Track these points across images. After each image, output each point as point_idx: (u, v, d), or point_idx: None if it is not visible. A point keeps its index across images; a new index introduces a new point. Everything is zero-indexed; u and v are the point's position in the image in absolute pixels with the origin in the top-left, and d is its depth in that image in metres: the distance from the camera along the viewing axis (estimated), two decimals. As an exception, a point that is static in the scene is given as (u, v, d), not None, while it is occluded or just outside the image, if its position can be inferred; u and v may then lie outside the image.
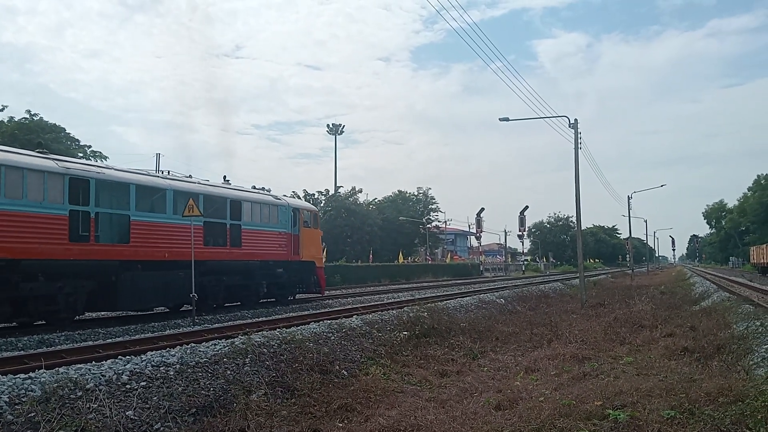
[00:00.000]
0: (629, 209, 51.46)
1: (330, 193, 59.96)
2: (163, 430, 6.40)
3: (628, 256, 69.97)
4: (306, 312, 16.50)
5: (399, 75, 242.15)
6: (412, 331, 12.33)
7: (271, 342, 9.30)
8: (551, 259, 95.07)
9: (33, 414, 5.78)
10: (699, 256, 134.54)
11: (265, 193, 20.21)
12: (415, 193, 71.77)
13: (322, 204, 56.51)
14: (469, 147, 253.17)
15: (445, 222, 76.64)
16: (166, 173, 17.32)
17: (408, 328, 12.59)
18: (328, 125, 69.67)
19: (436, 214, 72.47)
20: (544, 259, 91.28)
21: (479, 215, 66.35)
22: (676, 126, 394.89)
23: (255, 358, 8.59)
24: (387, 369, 9.71)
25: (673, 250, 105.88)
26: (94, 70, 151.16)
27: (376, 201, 68.24)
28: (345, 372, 9.32)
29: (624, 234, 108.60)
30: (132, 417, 6.31)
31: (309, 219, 21.41)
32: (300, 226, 20.48)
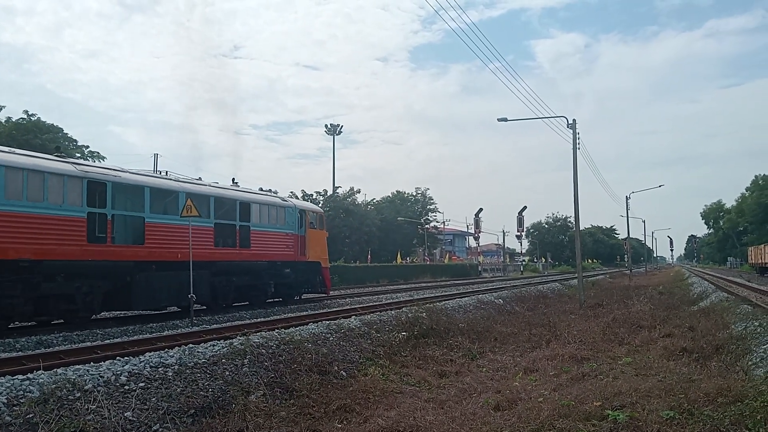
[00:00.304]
0: (627, 209, 51.62)
1: (328, 194, 59.98)
2: (162, 431, 6.39)
3: (626, 256, 70.08)
4: (304, 312, 16.50)
5: (397, 75, 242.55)
6: (410, 332, 12.31)
7: (270, 343, 9.29)
8: (549, 260, 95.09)
9: (31, 415, 5.77)
10: (697, 256, 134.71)
11: (273, 195, 20.56)
12: (414, 194, 71.92)
13: (320, 204, 56.48)
14: (468, 147, 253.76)
15: (444, 222, 76.77)
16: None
17: (407, 328, 12.58)
18: (326, 125, 70.03)
19: (434, 214, 72.66)
20: (542, 260, 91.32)
21: (477, 215, 66.49)
22: (674, 126, 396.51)
23: (253, 358, 8.57)
24: (386, 370, 9.70)
25: (671, 250, 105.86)
26: (92, 70, 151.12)
27: (374, 201, 68.26)
28: (344, 373, 9.32)
29: (622, 234, 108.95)
30: (130, 418, 6.30)
31: (315, 220, 21.70)
32: (306, 227, 20.78)
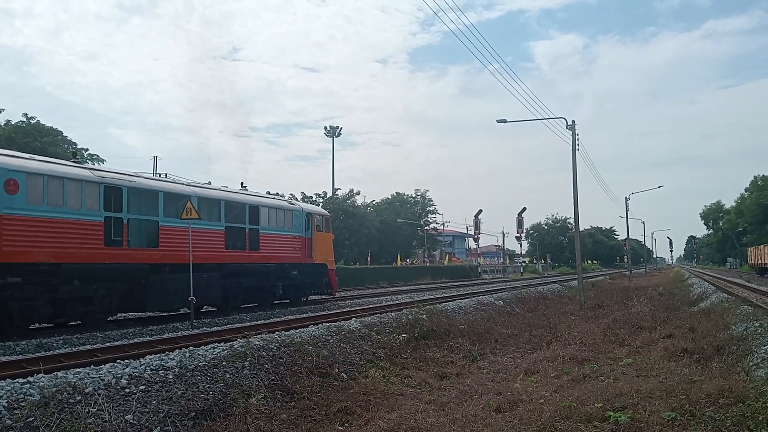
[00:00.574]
0: (627, 210, 51.68)
1: (328, 196, 59.95)
2: (163, 434, 6.38)
3: (625, 257, 70.10)
4: (305, 315, 16.50)
5: (396, 77, 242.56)
6: (411, 334, 12.31)
7: (270, 345, 9.29)
8: (549, 261, 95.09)
9: (32, 418, 5.77)
10: (696, 257, 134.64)
11: (281, 199, 20.84)
12: (413, 195, 71.93)
13: (320, 206, 56.46)
14: (467, 148, 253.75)
15: (443, 224, 76.69)
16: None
17: (407, 330, 12.57)
18: (325, 127, 69.91)
19: (434, 215, 72.68)
20: (542, 261, 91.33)
21: (477, 217, 66.50)
22: (673, 127, 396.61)
23: (254, 361, 8.57)
24: (386, 372, 9.69)
25: (671, 251, 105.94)
26: (91, 72, 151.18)
27: (374, 203, 68.33)
28: (344, 375, 9.31)
29: (622, 235, 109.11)
30: (131, 421, 6.30)
31: (321, 223, 21.93)
32: (313, 230, 21.02)
